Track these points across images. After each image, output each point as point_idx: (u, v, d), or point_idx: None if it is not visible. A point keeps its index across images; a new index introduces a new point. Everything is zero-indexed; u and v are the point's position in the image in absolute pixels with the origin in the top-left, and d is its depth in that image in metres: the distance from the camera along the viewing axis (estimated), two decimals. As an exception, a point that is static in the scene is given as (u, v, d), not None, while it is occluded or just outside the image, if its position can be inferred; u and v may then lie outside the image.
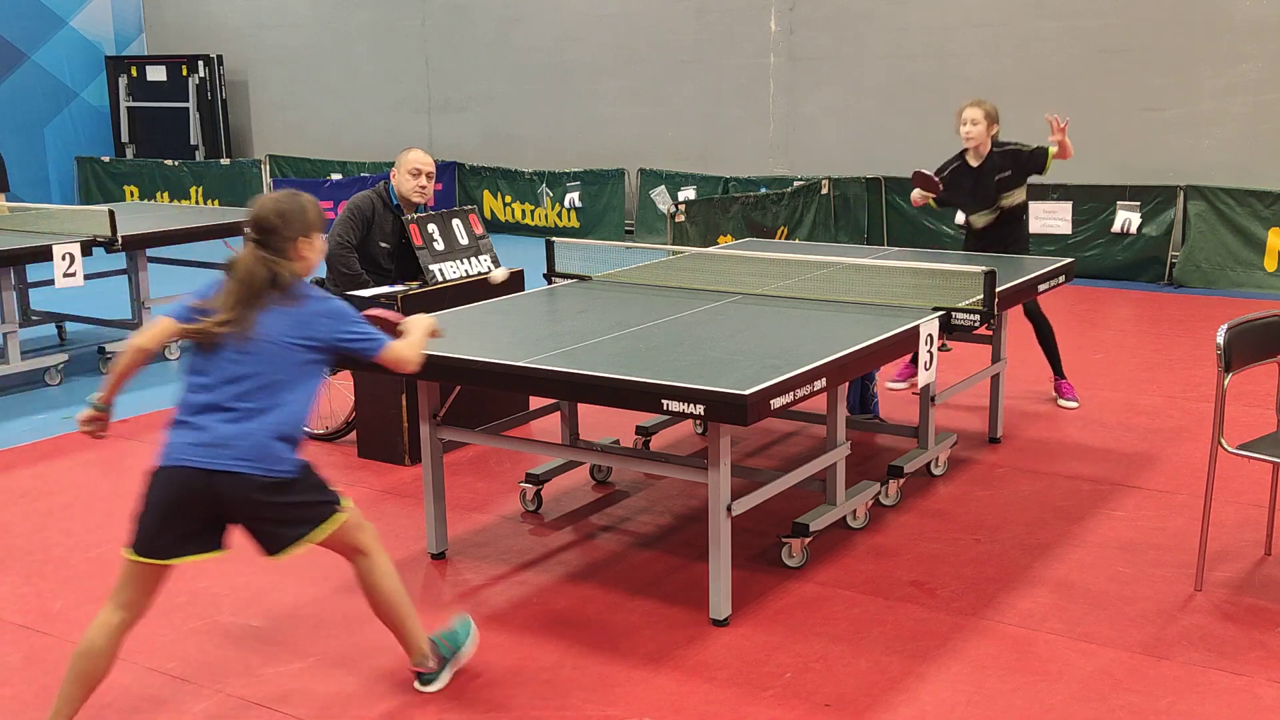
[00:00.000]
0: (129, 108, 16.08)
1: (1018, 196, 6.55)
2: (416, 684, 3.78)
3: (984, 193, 6.50)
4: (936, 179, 6.42)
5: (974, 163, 6.48)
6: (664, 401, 3.83)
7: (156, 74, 15.85)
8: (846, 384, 4.77)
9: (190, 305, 3.40)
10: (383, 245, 6.16)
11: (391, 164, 7.95)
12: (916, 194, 6.53)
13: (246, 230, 3.45)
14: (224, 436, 3.28)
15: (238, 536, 3.45)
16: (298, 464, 3.38)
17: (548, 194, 13.62)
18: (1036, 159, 6.39)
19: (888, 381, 7.06)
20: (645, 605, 4.35)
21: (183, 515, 3.32)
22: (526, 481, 5.31)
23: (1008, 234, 6.57)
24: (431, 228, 6.05)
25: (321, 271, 5.34)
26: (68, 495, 5.64)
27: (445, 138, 14.77)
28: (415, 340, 3.74)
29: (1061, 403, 6.72)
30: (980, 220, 6.64)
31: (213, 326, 3.33)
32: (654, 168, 13.10)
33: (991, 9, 11.29)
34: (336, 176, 14.10)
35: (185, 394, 3.37)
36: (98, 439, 3.54)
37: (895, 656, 3.94)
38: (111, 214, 7.66)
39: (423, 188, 6.14)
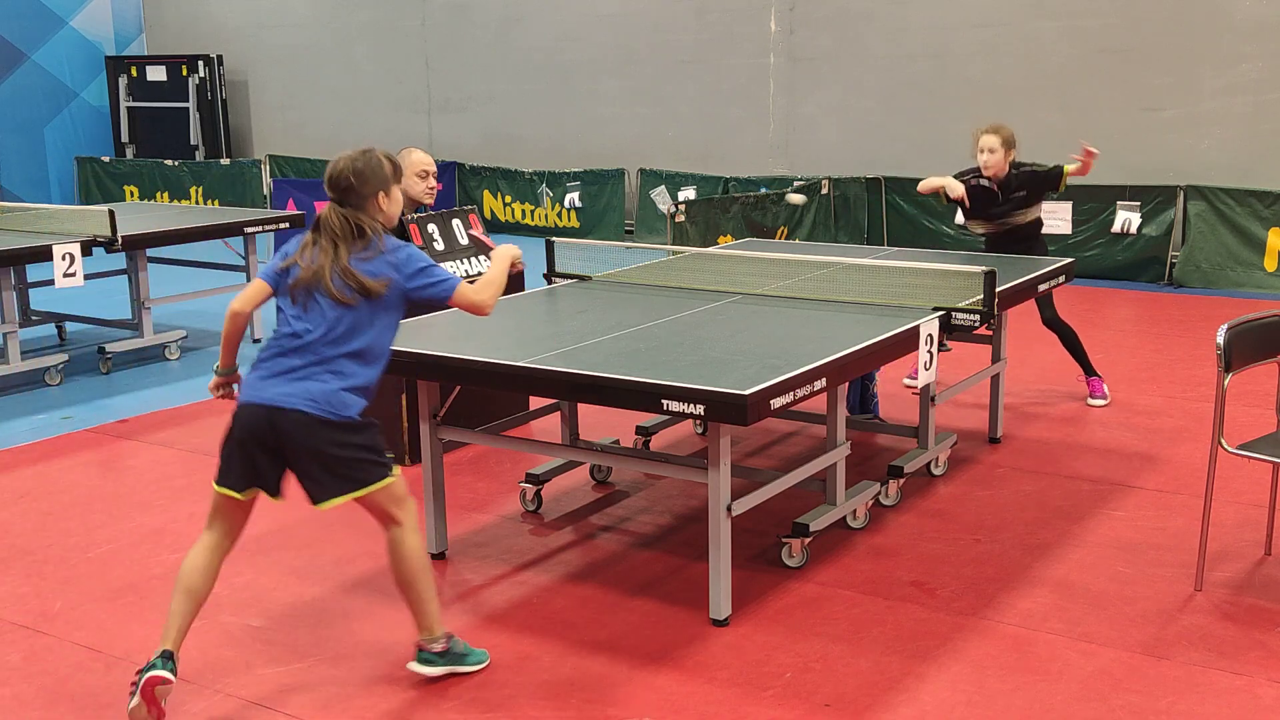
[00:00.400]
0: (129, 108, 16.08)
1: (1030, 214, 6.54)
2: (413, 663, 3.79)
3: (997, 212, 6.51)
4: (967, 203, 6.52)
5: (990, 183, 6.49)
6: (664, 401, 3.83)
7: (156, 74, 15.84)
8: (846, 384, 4.77)
9: (277, 266, 3.56)
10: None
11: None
12: (926, 185, 6.55)
13: (326, 190, 3.57)
14: (296, 378, 3.44)
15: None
16: (363, 416, 3.50)
17: (548, 194, 13.61)
18: (1052, 179, 6.39)
19: (905, 378, 7.01)
20: (645, 605, 4.35)
21: (249, 449, 3.49)
22: (526, 481, 5.31)
23: (1020, 250, 6.50)
24: (431, 228, 6.05)
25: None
26: (68, 495, 5.64)
27: (445, 138, 14.77)
28: (492, 278, 3.74)
29: (1090, 401, 6.71)
30: (980, 229, 6.64)
31: (304, 277, 3.47)
32: (654, 168, 13.10)
33: (991, 9, 11.28)
34: (336, 176, 14.07)
35: (271, 338, 3.53)
36: (231, 400, 3.71)
37: (895, 656, 3.94)
38: (111, 214, 7.66)
39: (431, 188, 6.13)
